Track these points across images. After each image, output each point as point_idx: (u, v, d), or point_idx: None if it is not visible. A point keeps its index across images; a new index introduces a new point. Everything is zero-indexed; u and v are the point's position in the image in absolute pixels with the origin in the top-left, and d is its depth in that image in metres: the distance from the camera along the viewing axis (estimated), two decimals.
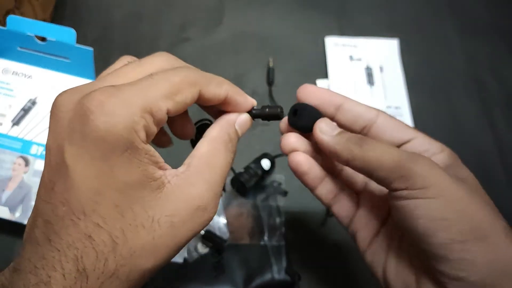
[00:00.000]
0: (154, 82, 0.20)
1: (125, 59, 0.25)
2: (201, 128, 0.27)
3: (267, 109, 0.26)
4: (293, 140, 0.28)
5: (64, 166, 0.19)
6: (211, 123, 0.26)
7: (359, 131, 0.27)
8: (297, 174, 0.28)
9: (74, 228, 0.18)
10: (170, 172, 0.21)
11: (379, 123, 0.26)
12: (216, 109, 0.26)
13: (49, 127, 0.21)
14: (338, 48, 0.54)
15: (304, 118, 0.27)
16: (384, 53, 0.54)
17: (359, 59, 0.54)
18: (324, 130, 0.26)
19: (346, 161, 0.25)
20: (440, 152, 0.26)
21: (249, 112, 0.26)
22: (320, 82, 0.52)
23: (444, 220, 0.21)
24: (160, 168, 0.21)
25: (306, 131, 0.27)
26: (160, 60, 0.23)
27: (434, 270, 0.22)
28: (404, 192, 0.22)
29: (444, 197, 0.21)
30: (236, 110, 0.25)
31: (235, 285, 0.37)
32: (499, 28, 0.57)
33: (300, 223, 0.42)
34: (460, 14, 0.58)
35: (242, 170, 0.42)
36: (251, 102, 0.26)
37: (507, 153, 0.49)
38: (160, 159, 0.21)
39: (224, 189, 0.40)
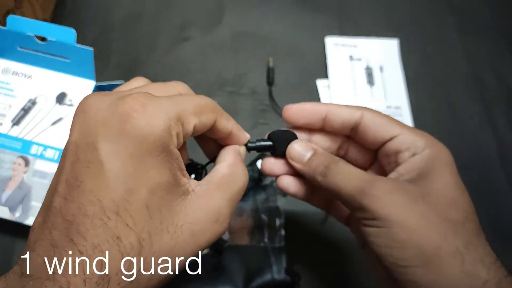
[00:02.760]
0: (185, 99, 0.22)
1: (141, 80, 0.26)
2: (190, 167, 0.29)
3: (261, 142, 0.29)
4: (272, 163, 0.30)
5: (97, 163, 0.19)
6: (197, 164, 0.29)
7: (349, 133, 0.29)
8: (288, 194, 0.31)
9: (103, 229, 0.18)
10: (193, 181, 0.22)
11: (364, 122, 0.27)
12: (212, 145, 0.28)
13: (76, 124, 0.20)
14: (338, 48, 0.54)
15: (278, 146, 0.29)
16: (384, 53, 0.54)
17: (359, 59, 0.54)
18: (295, 158, 0.28)
19: (317, 185, 0.27)
20: (423, 150, 0.25)
21: (245, 145, 0.28)
22: (320, 82, 0.52)
23: (390, 248, 0.23)
24: (184, 176, 0.22)
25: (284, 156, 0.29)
26: (181, 86, 0.25)
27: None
28: (361, 220, 0.24)
29: (390, 228, 0.23)
30: (236, 144, 0.27)
31: (235, 286, 0.37)
32: (500, 27, 0.57)
33: (300, 223, 0.42)
34: (460, 13, 0.58)
35: None
36: (248, 136, 0.28)
37: (508, 152, 0.49)
38: (184, 167, 0.22)
39: None
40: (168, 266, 0.20)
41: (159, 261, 0.19)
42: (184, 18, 0.56)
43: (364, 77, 0.53)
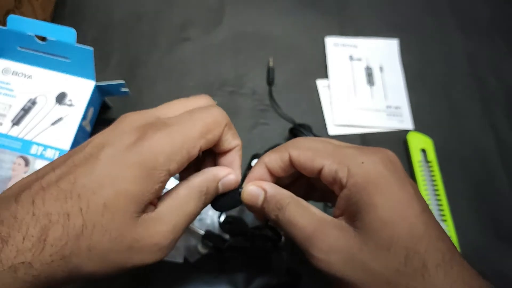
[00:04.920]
0: (192, 122, 0.24)
1: (199, 99, 0.28)
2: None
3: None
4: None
5: (95, 156, 0.22)
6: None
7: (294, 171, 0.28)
8: None
9: (61, 203, 0.20)
10: (152, 208, 0.24)
11: (293, 161, 0.27)
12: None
13: (107, 130, 0.24)
14: (338, 48, 0.54)
15: (226, 204, 0.29)
16: (384, 53, 0.54)
17: (359, 59, 0.54)
18: (250, 203, 0.28)
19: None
20: (347, 181, 0.24)
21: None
22: (320, 82, 0.52)
23: None
24: (152, 203, 0.23)
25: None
26: (200, 101, 0.27)
27: None
28: None
29: (336, 285, 0.24)
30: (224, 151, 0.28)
31: (235, 285, 0.37)
32: (500, 27, 0.57)
33: None
34: (460, 13, 0.58)
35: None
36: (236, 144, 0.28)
37: (508, 152, 0.49)
38: (159, 195, 0.24)
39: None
40: (94, 266, 0.21)
41: (91, 255, 0.20)
42: (184, 18, 0.56)
43: (364, 77, 0.53)
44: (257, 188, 0.27)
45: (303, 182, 0.31)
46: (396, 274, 0.22)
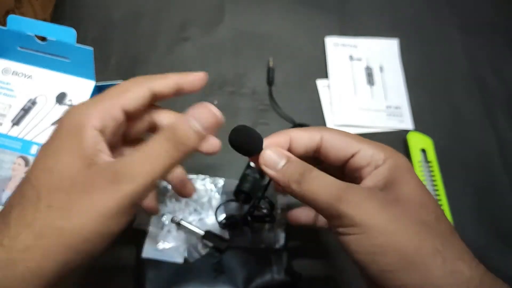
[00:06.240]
0: (112, 88, 0.27)
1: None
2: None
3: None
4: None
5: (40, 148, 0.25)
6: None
7: (313, 155, 0.29)
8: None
9: (19, 191, 0.23)
10: (109, 159, 0.25)
11: (324, 144, 0.28)
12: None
13: None
14: (338, 48, 0.54)
15: (244, 144, 0.27)
16: (384, 53, 0.54)
17: (359, 59, 0.54)
18: (269, 164, 0.27)
19: (291, 194, 0.26)
20: (383, 163, 0.26)
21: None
22: (320, 82, 0.52)
23: (372, 254, 0.23)
24: (101, 152, 0.25)
25: (247, 155, 0.28)
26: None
27: None
28: (339, 229, 0.24)
29: (369, 233, 0.23)
30: (193, 88, 0.30)
31: (235, 286, 0.37)
32: (500, 27, 0.57)
33: None
34: (460, 13, 0.58)
35: (237, 181, 0.41)
36: (200, 76, 0.30)
37: (509, 152, 0.49)
38: (104, 149, 0.25)
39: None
40: (68, 218, 0.22)
41: (52, 211, 0.22)
42: (184, 18, 0.56)
43: (364, 77, 0.53)
44: (280, 155, 0.27)
45: None
46: (427, 229, 0.23)
